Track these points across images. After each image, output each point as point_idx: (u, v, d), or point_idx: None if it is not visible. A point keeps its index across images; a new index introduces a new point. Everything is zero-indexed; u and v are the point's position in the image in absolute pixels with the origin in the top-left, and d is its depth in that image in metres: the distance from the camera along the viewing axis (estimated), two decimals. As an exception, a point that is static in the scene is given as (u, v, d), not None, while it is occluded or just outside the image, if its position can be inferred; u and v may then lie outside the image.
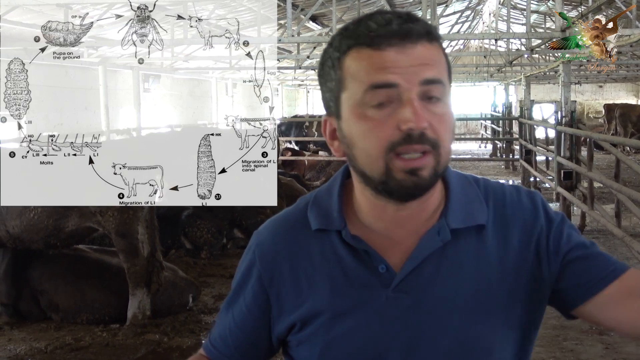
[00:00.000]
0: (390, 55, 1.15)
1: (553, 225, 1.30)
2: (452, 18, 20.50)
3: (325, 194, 1.33)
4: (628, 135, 21.36)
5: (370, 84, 1.16)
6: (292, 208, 1.38)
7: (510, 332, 1.28)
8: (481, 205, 1.30)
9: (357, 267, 1.26)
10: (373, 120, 1.16)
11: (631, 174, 13.31)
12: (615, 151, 7.88)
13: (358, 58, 1.18)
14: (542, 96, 29.27)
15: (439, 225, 1.26)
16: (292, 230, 1.33)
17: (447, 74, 1.21)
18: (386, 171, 1.17)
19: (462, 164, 19.20)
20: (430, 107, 1.16)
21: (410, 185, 1.17)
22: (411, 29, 1.16)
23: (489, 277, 1.26)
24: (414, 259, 1.25)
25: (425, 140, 1.15)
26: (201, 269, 7.65)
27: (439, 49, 1.20)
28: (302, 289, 1.29)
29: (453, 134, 1.22)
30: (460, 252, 1.26)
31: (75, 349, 5.30)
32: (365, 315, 1.25)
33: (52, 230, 5.64)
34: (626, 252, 8.01)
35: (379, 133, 1.16)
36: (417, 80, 1.15)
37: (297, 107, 31.39)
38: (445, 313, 1.24)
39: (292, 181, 10.61)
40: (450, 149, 1.21)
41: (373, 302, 1.25)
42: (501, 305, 1.27)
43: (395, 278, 1.25)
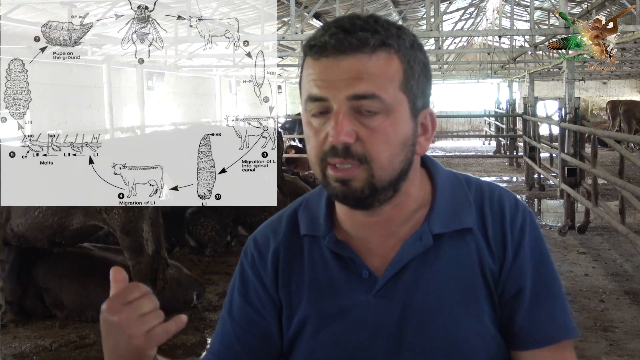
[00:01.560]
0: (323, 67, 1.16)
1: (523, 243, 1.27)
2: (456, 15, 20.46)
3: (315, 198, 1.34)
4: (632, 132, 21.31)
5: (308, 95, 1.18)
6: (285, 211, 1.38)
7: (496, 336, 1.26)
8: (469, 207, 1.28)
9: (341, 273, 1.27)
10: (312, 128, 1.19)
11: (635, 171, 13.29)
12: (619, 148, 7.86)
13: (306, 66, 1.20)
14: (546, 93, 29.19)
15: (422, 230, 1.25)
16: (286, 234, 1.34)
17: (397, 84, 1.17)
18: (323, 177, 1.19)
19: (465, 161, 19.20)
20: (363, 121, 1.15)
21: (341, 195, 1.18)
22: (342, 40, 1.14)
23: (473, 281, 1.25)
24: (395, 265, 1.25)
25: (349, 155, 1.15)
26: (205, 267, 7.67)
27: (388, 59, 1.16)
28: (296, 294, 1.30)
29: (402, 147, 1.18)
30: (443, 256, 1.25)
31: (80, 346, 5.32)
32: (349, 321, 1.26)
33: (57, 228, 5.65)
34: (630, 248, 8.01)
35: (315, 141, 1.19)
36: (343, 95, 1.14)
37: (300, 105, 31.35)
38: (429, 318, 1.23)
39: (295, 178, 10.62)
40: (392, 164, 1.17)
41: (356, 308, 1.26)
42: (486, 309, 1.25)
43: (377, 283, 1.25)
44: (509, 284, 1.26)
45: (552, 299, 1.27)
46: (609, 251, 8.22)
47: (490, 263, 1.26)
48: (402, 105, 1.18)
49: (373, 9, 14.81)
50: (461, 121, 32.49)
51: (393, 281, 1.25)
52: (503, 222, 1.27)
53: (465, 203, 1.28)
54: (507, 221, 1.27)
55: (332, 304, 1.27)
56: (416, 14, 18.11)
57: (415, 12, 17.71)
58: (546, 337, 1.25)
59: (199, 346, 5.36)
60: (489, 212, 1.28)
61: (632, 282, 6.86)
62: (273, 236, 1.34)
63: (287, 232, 1.33)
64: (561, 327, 1.26)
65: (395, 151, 1.17)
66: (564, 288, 1.33)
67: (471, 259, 1.26)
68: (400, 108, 1.17)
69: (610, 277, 7.04)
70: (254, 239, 1.37)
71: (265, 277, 1.33)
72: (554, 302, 1.27)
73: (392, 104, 1.16)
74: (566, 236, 9.04)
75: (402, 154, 1.18)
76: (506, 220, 1.27)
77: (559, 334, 1.25)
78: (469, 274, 1.25)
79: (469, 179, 1.33)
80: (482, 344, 1.24)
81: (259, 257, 1.34)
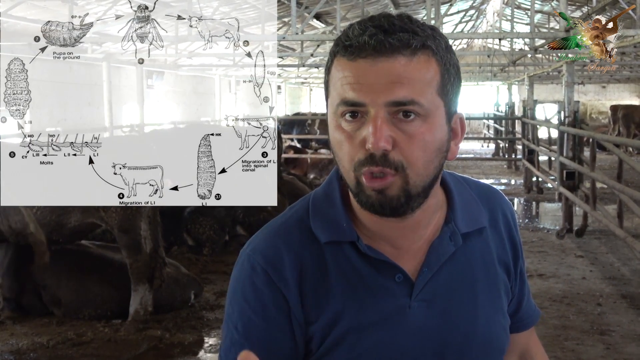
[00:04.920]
0: (360, 69, 1.11)
1: (517, 228, 1.38)
2: (456, 17, 20.49)
3: (325, 202, 1.26)
4: (631, 136, 21.33)
5: (342, 99, 1.13)
6: (288, 219, 1.27)
7: (508, 329, 1.32)
8: (479, 206, 1.30)
9: (376, 278, 1.21)
10: (345, 133, 1.14)
11: (633, 175, 13.30)
12: (617, 152, 7.87)
13: (337, 67, 1.14)
14: (545, 96, 29.21)
15: (450, 229, 1.24)
16: (303, 244, 1.23)
17: (435, 88, 1.13)
18: (357, 184, 1.14)
19: (464, 163, 19.22)
20: (401, 126, 1.11)
21: (377, 204, 1.13)
22: (383, 41, 1.09)
23: (495, 278, 1.28)
24: (431, 266, 1.22)
25: (387, 163, 1.10)
26: (203, 266, 7.67)
27: (427, 61, 1.13)
28: (327, 305, 1.20)
29: (437, 154, 1.15)
30: (470, 256, 1.26)
31: (77, 344, 5.32)
32: (391, 327, 1.20)
33: (55, 226, 5.66)
34: (628, 252, 8.02)
35: (349, 147, 1.13)
36: (383, 101, 1.09)
37: (300, 105, 31.40)
38: (467, 319, 1.24)
39: (294, 179, 10.62)
40: (427, 170, 1.15)
41: (398, 313, 1.21)
42: (505, 301, 1.30)
43: (415, 287, 1.21)
44: (519, 275, 1.36)
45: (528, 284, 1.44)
46: (607, 255, 8.23)
47: (504, 257, 1.31)
48: (439, 110, 1.14)
49: (374, 10, 14.81)
50: (460, 123, 32.47)
51: (430, 284, 1.22)
52: (507, 217, 1.34)
53: (474, 202, 1.30)
54: (509, 216, 1.34)
55: (373, 311, 1.20)
56: (416, 15, 18.13)
57: (415, 14, 17.72)
58: (535, 318, 1.46)
59: (196, 345, 5.37)
60: (495, 209, 1.33)
61: (629, 286, 6.86)
62: (286, 248, 1.22)
63: (303, 241, 1.23)
64: (536, 309, 1.47)
65: (431, 157, 1.14)
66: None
67: (491, 256, 1.29)
68: (437, 113, 1.14)
69: (607, 281, 7.05)
70: (261, 254, 1.23)
71: (287, 294, 1.20)
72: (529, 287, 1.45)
73: (430, 109, 1.12)
74: (564, 239, 9.05)
75: (436, 160, 1.16)
76: (509, 216, 1.34)
77: (538, 314, 1.48)
78: (492, 270, 1.28)
79: (465, 179, 1.35)
80: (506, 335, 1.30)
81: (274, 272, 1.20)
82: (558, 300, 6.29)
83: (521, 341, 1.45)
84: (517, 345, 1.44)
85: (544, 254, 8.29)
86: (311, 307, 1.21)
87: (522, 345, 1.45)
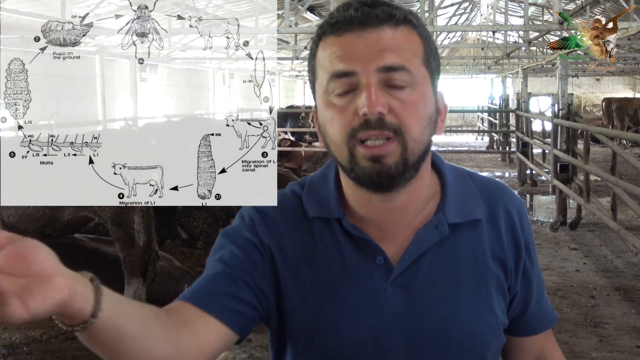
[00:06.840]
0: (349, 41, 1.13)
1: (525, 227, 1.33)
2: (450, 10, 20.47)
3: (320, 181, 1.29)
4: (625, 129, 21.38)
5: (332, 73, 1.14)
6: (284, 190, 1.34)
7: (504, 323, 1.29)
8: (477, 199, 1.28)
9: (356, 257, 1.22)
10: (336, 107, 1.15)
11: (627, 167, 13.33)
12: (611, 144, 7.88)
13: (324, 47, 1.17)
14: (539, 89, 29.25)
15: (437, 219, 1.24)
16: (294, 213, 1.28)
17: (420, 59, 1.16)
18: (351, 158, 1.14)
19: (458, 156, 19.23)
20: (393, 93, 1.12)
21: (374, 174, 1.13)
22: (368, 12, 1.12)
23: (485, 273, 1.26)
24: (412, 253, 1.22)
25: (384, 126, 1.11)
26: (197, 259, 7.66)
27: (410, 33, 1.16)
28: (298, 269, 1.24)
29: (429, 122, 1.17)
30: (458, 247, 1.25)
31: (71, 337, 5.31)
32: (365, 309, 1.21)
33: (48, 220, 5.63)
34: (621, 245, 8.04)
35: (341, 119, 1.14)
36: (374, 67, 1.11)
37: (294, 98, 31.38)
38: (447, 311, 1.22)
39: (288, 172, 10.60)
40: (422, 138, 1.15)
41: (373, 294, 1.21)
42: (496, 299, 1.27)
43: (393, 271, 1.21)
44: (523, 275, 1.31)
45: (543, 287, 1.39)
46: (600, 247, 8.25)
47: (500, 254, 1.28)
48: (426, 80, 1.17)
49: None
50: (454, 116, 32.55)
51: (410, 270, 1.22)
52: (512, 215, 1.30)
53: (473, 195, 1.28)
54: (514, 214, 1.31)
55: (348, 289, 1.22)
56: (410, 8, 18.10)
57: (409, 6, 17.69)
58: (547, 322, 1.39)
59: (189, 339, 5.36)
60: (496, 205, 1.30)
61: (622, 279, 6.88)
62: (278, 211, 1.28)
63: (295, 212, 1.28)
64: (552, 313, 1.41)
65: (424, 124, 1.15)
66: (554, 284, 1.39)
67: (483, 251, 1.26)
68: (425, 83, 1.16)
69: (601, 273, 7.07)
70: (253, 208, 1.30)
71: (266, 240, 1.24)
72: (544, 290, 1.39)
73: (418, 78, 1.15)
74: (558, 232, 9.07)
75: (429, 128, 1.17)
76: (514, 214, 1.31)
77: (553, 319, 1.41)
78: (482, 265, 1.26)
79: (470, 173, 1.34)
80: (493, 333, 1.27)
81: (262, 219, 1.26)
82: (552, 293, 6.30)
83: (534, 346, 1.39)
84: (530, 349, 1.39)
85: (538, 247, 8.29)
86: (286, 266, 1.24)
87: (536, 350, 1.40)
